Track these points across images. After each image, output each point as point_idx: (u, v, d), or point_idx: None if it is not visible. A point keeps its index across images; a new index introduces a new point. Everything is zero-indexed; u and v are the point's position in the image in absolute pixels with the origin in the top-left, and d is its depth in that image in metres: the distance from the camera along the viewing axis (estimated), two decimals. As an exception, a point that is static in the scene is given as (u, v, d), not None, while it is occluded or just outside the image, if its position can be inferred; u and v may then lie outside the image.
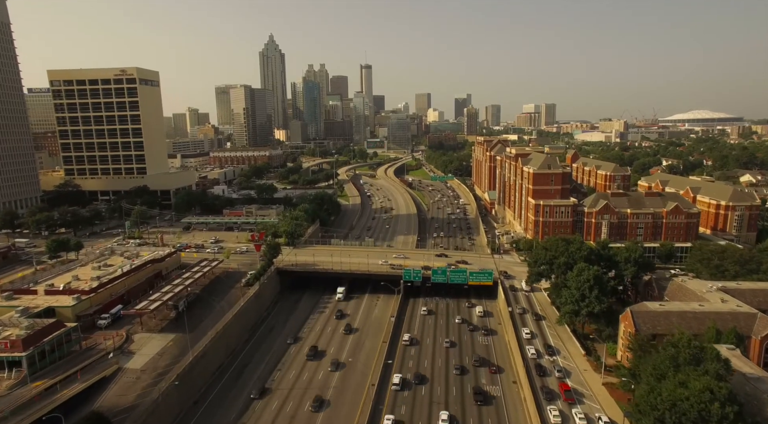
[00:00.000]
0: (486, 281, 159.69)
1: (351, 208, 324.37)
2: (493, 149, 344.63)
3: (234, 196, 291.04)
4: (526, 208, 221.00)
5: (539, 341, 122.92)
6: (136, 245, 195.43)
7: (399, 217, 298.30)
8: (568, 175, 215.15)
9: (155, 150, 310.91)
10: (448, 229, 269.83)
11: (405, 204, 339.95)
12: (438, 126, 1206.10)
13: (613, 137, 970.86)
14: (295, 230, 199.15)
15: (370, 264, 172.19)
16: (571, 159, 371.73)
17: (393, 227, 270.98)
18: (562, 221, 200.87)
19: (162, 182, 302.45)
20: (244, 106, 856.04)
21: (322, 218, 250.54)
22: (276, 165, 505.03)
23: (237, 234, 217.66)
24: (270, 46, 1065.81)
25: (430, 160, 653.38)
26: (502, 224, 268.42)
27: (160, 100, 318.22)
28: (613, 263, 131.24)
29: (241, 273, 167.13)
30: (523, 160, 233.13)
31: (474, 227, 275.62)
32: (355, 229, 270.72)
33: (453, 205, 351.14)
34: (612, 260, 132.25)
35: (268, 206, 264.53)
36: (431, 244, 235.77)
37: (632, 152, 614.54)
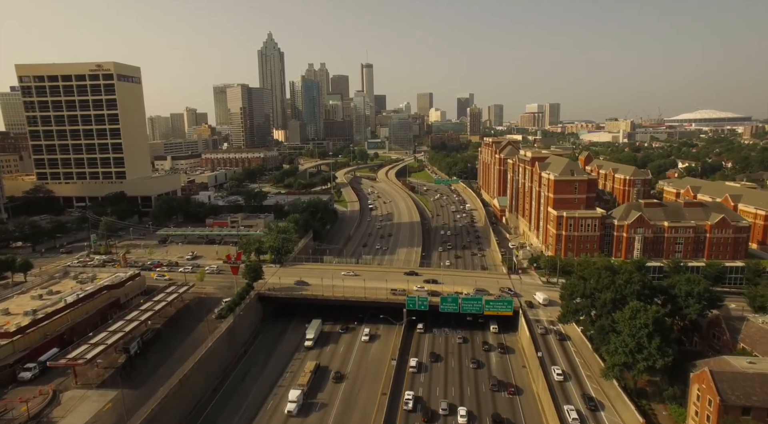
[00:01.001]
0: (505, 311, 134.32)
1: (349, 216, 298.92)
2: (503, 151, 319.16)
3: (220, 203, 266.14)
4: (545, 219, 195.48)
5: (575, 390, 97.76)
6: (101, 263, 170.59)
7: (401, 225, 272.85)
8: (593, 183, 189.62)
9: (136, 152, 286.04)
10: (455, 240, 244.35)
11: (407, 210, 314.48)
12: (440, 126, 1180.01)
13: (620, 137, 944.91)
14: (282, 245, 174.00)
15: (367, 288, 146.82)
16: (585, 161, 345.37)
17: (395, 237, 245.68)
18: (588, 235, 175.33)
19: (143, 188, 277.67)
20: (241, 106, 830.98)
21: (316, 229, 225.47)
22: (271, 167, 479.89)
23: (218, 248, 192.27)
24: (269, 44, 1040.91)
25: (433, 161, 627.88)
26: (516, 235, 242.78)
27: (141, 98, 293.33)
28: (670, 297, 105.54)
29: (216, 299, 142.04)
30: (541, 164, 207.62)
31: (484, 238, 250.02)
32: (352, 239, 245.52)
33: (459, 211, 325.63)
34: (668, 293, 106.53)
35: (256, 215, 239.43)
36: (436, 257, 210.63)
37: (645, 153, 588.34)
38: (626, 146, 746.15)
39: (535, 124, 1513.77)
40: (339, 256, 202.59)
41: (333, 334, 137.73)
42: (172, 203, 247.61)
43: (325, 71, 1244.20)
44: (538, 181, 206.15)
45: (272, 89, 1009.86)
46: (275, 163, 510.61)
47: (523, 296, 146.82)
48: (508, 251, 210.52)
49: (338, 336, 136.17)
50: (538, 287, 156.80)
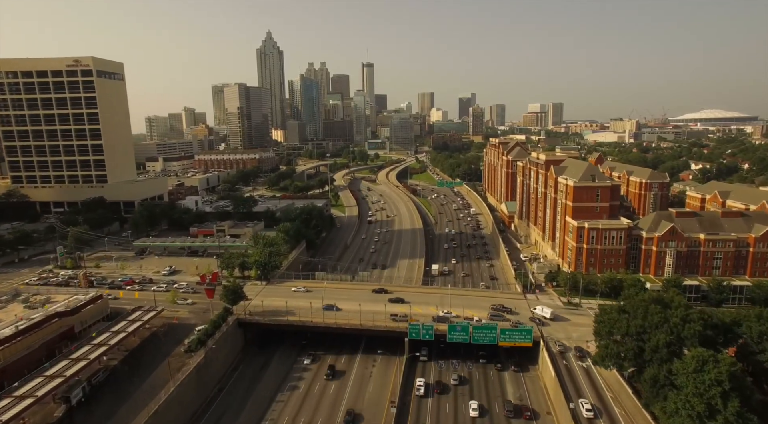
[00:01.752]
0: (524, 342, 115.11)
1: (346, 222, 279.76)
2: (511, 153, 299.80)
3: (208, 210, 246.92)
4: (562, 229, 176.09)
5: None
6: (65, 280, 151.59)
7: (402, 233, 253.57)
8: (617, 190, 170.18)
9: (119, 154, 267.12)
10: (460, 249, 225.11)
11: (409, 216, 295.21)
12: (442, 126, 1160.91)
13: (626, 137, 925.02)
14: (269, 260, 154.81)
15: (363, 312, 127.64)
16: (596, 163, 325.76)
17: (395, 246, 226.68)
18: (613, 249, 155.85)
19: (125, 192, 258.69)
20: (238, 106, 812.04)
21: (309, 238, 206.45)
22: (267, 169, 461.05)
23: (198, 262, 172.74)
24: (268, 43, 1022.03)
25: (435, 162, 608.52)
26: (527, 245, 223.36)
27: (124, 96, 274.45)
28: (736, 336, 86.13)
29: (189, 326, 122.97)
30: (556, 168, 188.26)
31: (492, 247, 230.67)
32: (350, 249, 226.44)
33: (464, 216, 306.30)
34: (733, 331, 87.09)
35: (245, 223, 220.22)
36: (440, 268, 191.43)
37: (655, 154, 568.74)
38: (634, 146, 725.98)
39: (537, 124, 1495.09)
40: (335, 269, 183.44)
41: (319, 373, 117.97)
42: (154, 210, 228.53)
43: (326, 71, 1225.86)
44: (554, 186, 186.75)
45: (271, 89, 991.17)
46: (271, 164, 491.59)
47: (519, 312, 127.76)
48: (520, 263, 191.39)
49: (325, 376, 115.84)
50: (558, 309, 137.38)
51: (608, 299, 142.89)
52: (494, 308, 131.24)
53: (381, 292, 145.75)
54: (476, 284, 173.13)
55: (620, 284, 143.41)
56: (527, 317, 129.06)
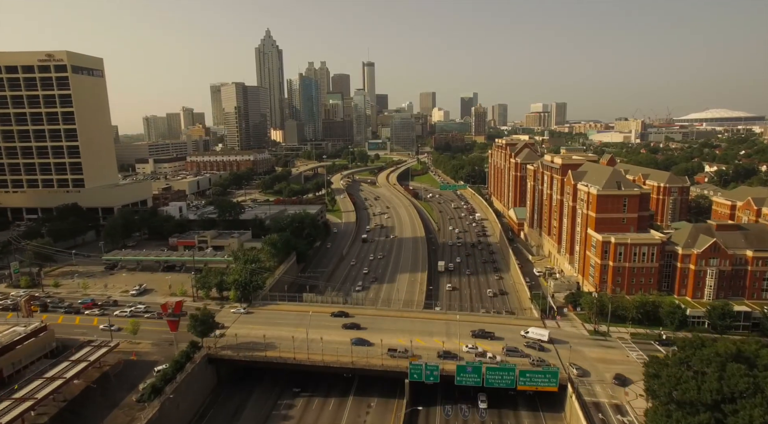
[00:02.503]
0: (548, 386, 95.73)
1: (343, 230, 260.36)
2: (519, 155, 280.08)
3: (192, 217, 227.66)
4: (582, 242, 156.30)
5: None
6: (13, 302, 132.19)
7: (403, 242, 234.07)
8: (646, 198, 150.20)
9: (97, 157, 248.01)
10: (466, 261, 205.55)
11: (410, 222, 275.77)
12: (444, 126, 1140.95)
13: (632, 138, 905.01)
14: (250, 279, 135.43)
15: (355, 345, 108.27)
16: (607, 165, 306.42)
17: (395, 257, 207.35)
18: (644, 267, 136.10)
19: (104, 197, 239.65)
20: (235, 105, 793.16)
21: (301, 250, 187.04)
22: (262, 171, 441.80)
23: (171, 280, 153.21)
24: (266, 41, 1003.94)
25: (437, 164, 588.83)
26: (540, 257, 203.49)
27: (104, 94, 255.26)
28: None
29: (150, 364, 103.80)
30: (575, 173, 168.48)
31: (500, 258, 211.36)
32: (345, 260, 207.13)
33: (468, 222, 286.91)
34: None
35: (230, 233, 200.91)
36: (445, 288, 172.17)
37: (666, 156, 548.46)
38: (642, 147, 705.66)
39: (540, 124, 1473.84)
40: (327, 285, 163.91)
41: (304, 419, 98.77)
42: (130, 218, 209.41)
43: (326, 70, 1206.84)
44: (572, 194, 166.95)
45: (270, 88, 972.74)
46: (267, 166, 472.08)
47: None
48: (533, 280, 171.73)
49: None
50: (583, 339, 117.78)
51: (640, 327, 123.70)
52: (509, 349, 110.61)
53: (341, 315, 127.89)
54: (484, 299, 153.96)
55: (654, 308, 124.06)
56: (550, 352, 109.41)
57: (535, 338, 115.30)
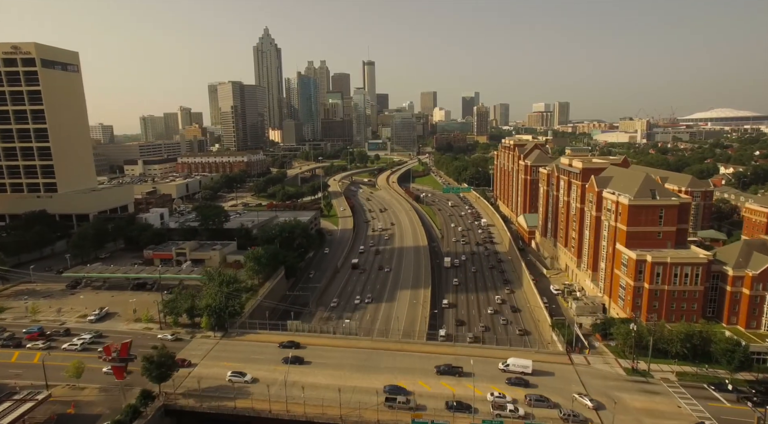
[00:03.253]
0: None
1: (339, 238, 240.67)
2: (529, 156, 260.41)
3: (172, 225, 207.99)
4: (609, 259, 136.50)
5: None
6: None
7: (404, 252, 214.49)
8: (686, 209, 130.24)
9: (72, 159, 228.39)
10: (474, 276, 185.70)
11: (412, 229, 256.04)
12: (445, 126, 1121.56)
13: (638, 138, 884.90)
14: (225, 304, 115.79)
15: (345, 388, 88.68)
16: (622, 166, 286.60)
17: (395, 271, 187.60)
18: (686, 290, 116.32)
19: (79, 203, 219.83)
20: (232, 105, 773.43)
21: (290, 264, 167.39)
22: (256, 173, 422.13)
23: (136, 303, 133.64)
24: (265, 40, 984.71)
25: (439, 165, 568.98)
26: (556, 271, 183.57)
27: (81, 91, 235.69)
28: None
29: (92, 419, 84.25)
30: (598, 179, 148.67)
31: (510, 270, 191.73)
32: (340, 274, 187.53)
33: (474, 228, 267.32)
34: None
35: (212, 244, 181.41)
36: (451, 306, 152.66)
37: (676, 156, 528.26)
38: (650, 147, 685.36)
39: (543, 123, 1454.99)
40: (319, 306, 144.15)
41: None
42: (103, 226, 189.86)
43: (326, 69, 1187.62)
44: (596, 203, 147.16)
45: (268, 87, 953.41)
46: (262, 168, 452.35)
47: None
48: (550, 299, 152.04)
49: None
50: (620, 381, 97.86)
51: (686, 364, 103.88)
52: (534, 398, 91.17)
53: (290, 346, 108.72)
54: (495, 324, 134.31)
55: (703, 341, 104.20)
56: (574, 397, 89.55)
57: (517, 370, 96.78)
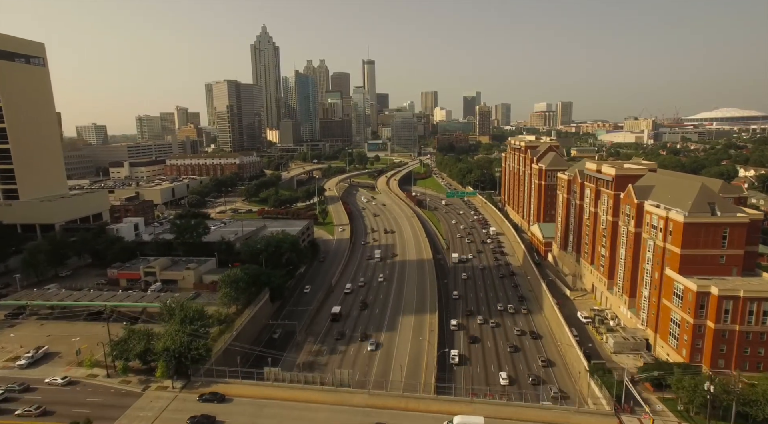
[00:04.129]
0: None
1: (335, 249, 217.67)
2: (542, 159, 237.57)
3: (147, 238, 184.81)
4: (656, 287, 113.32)
5: None
6: None
7: (406, 267, 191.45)
8: (757, 228, 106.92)
9: (37, 162, 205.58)
10: (486, 300, 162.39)
11: (415, 240, 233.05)
12: (447, 126, 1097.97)
13: (645, 138, 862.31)
14: (188, 347, 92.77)
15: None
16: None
17: (396, 291, 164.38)
18: (765, 332, 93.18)
19: (43, 213, 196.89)
20: (228, 104, 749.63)
21: (275, 285, 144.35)
22: (248, 176, 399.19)
23: (78, 342, 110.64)
24: (262, 38, 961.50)
25: (441, 166, 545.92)
26: (581, 292, 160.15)
27: (48, 86, 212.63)
28: None
29: None
30: (637, 188, 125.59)
31: (525, 287, 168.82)
32: (334, 294, 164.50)
33: (482, 237, 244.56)
34: None
35: (188, 261, 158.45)
36: (460, 337, 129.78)
37: (690, 157, 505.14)
38: (659, 148, 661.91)
39: (545, 123, 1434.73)
40: (307, 336, 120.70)
41: None
42: (63, 240, 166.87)
43: (325, 68, 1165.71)
44: (635, 217, 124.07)
45: (266, 86, 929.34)
46: (255, 170, 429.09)
47: None
48: (577, 327, 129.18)
49: None
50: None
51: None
52: None
53: (211, 399, 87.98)
54: (512, 360, 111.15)
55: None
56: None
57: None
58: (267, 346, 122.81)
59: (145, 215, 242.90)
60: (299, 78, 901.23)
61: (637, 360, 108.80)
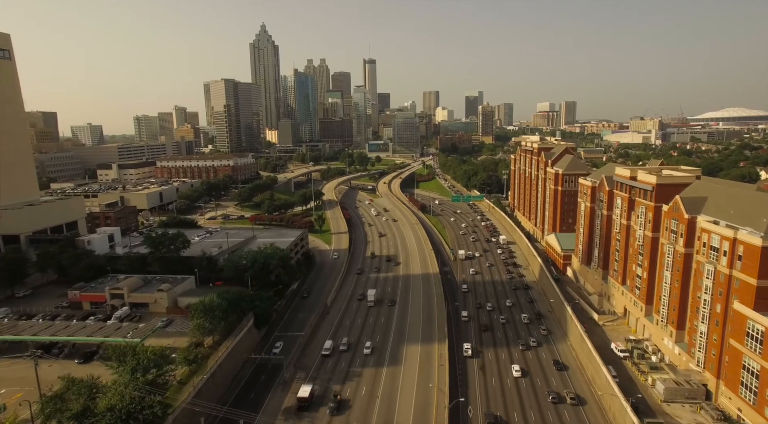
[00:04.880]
0: None
1: (331, 262, 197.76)
2: (558, 162, 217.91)
3: (120, 252, 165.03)
4: (718, 321, 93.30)
5: None
6: None
7: (410, 283, 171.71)
8: None
9: (2, 164, 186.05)
10: (504, 323, 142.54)
11: (419, 250, 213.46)
12: (449, 126, 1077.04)
13: (652, 138, 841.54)
14: (140, 406, 73.02)
15: None
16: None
17: (399, 315, 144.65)
18: None
19: (8, 222, 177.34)
20: (225, 103, 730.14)
21: (261, 309, 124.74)
22: (243, 178, 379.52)
23: (20, 385, 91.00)
24: (261, 36, 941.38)
25: (445, 168, 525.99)
26: (612, 317, 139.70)
27: (15, 81, 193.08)
28: None
29: None
30: (686, 201, 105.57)
31: (544, 309, 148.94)
32: (330, 316, 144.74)
33: (491, 247, 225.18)
34: None
35: (164, 279, 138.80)
36: (474, 371, 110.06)
37: (705, 159, 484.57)
38: (670, 149, 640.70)
39: (549, 123, 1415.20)
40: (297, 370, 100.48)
41: None
42: (20, 255, 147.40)
43: (325, 67, 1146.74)
44: (684, 235, 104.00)
45: (265, 85, 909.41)
46: (250, 172, 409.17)
47: None
48: (611, 361, 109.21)
49: None
50: None
51: None
52: None
53: None
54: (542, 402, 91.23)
55: None
56: None
57: None
58: (249, 385, 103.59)
59: (127, 222, 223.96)
60: (298, 77, 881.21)
61: (696, 413, 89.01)
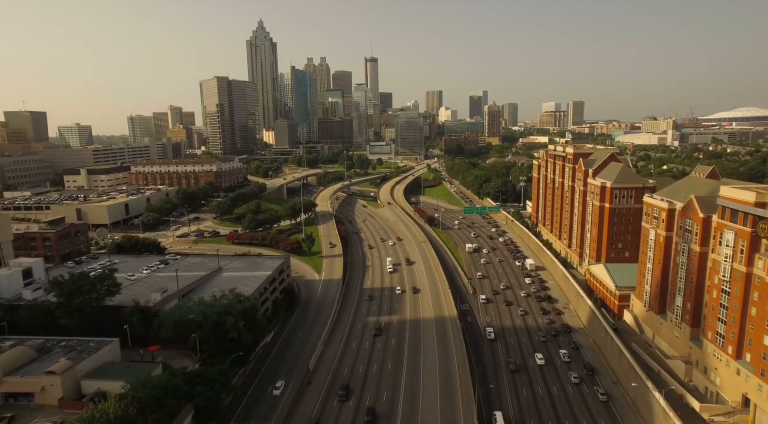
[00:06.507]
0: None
1: (319, 302, 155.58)
2: (602, 173, 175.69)
3: (28, 297, 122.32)
4: None
5: None
6: None
7: (420, 329, 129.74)
8: None
9: None
10: (546, 403, 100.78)
11: (431, 280, 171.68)
12: (453, 126, 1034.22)
13: (669, 139, 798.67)
14: None
15: None
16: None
17: (409, 387, 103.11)
18: None
19: None
20: (218, 102, 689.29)
21: (204, 400, 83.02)
22: (229, 185, 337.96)
23: None
24: (259, 33, 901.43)
25: (452, 172, 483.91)
26: (724, 410, 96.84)
27: None
28: None
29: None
30: None
31: (608, 381, 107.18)
32: (312, 387, 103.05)
33: (515, 274, 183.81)
34: None
35: (70, 347, 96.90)
36: None
37: (737, 162, 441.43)
38: (693, 151, 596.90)
39: (556, 124, 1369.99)
40: None
41: None
42: None
43: (326, 66, 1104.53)
44: None
45: (262, 84, 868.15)
46: (237, 178, 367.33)
47: None
48: None
49: None
50: None
51: None
52: None
53: None
54: None
55: None
56: None
57: None
58: None
59: (74, 244, 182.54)
60: (295, 75, 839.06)
61: None
